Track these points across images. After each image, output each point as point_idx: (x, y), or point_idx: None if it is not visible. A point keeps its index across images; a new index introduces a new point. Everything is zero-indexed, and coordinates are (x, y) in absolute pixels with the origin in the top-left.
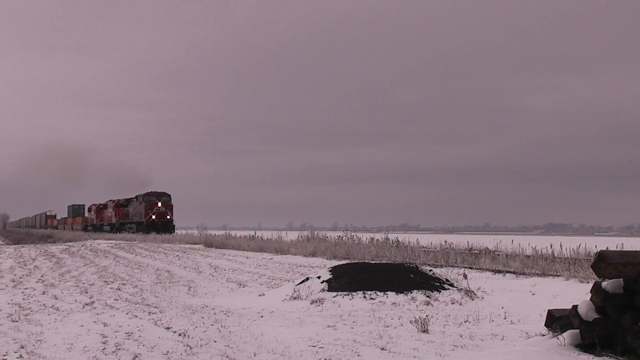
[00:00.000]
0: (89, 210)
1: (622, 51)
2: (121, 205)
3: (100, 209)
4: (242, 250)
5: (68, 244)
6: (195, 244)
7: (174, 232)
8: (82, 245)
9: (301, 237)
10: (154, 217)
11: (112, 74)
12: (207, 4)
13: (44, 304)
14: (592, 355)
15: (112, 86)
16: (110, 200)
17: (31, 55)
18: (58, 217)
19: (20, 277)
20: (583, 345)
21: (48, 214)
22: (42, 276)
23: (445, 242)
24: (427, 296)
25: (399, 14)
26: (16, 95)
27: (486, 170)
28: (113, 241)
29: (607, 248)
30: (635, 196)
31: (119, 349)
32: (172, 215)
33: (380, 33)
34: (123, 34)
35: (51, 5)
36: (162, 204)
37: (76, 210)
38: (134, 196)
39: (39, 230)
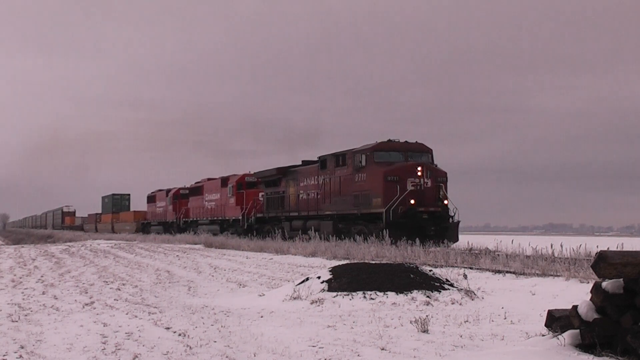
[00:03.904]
0: (153, 199)
1: (625, 52)
2: (254, 185)
3: (182, 196)
4: (242, 250)
5: (68, 244)
6: (195, 244)
7: (458, 239)
8: (82, 246)
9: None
10: (412, 201)
11: (112, 74)
12: (209, 4)
13: (43, 304)
14: (592, 356)
15: (112, 86)
16: (210, 179)
17: (32, 55)
18: (81, 215)
19: (20, 277)
20: (583, 346)
21: (65, 210)
22: (42, 276)
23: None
24: (427, 296)
25: (403, 15)
26: (16, 94)
27: (486, 170)
28: (113, 241)
29: (607, 248)
30: (635, 196)
31: (118, 349)
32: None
33: (383, 34)
34: (123, 34)
35: (51, 5)
36: (424, 170)
37: (117, 203)
38: (300, 162)
39: (54, 231)
